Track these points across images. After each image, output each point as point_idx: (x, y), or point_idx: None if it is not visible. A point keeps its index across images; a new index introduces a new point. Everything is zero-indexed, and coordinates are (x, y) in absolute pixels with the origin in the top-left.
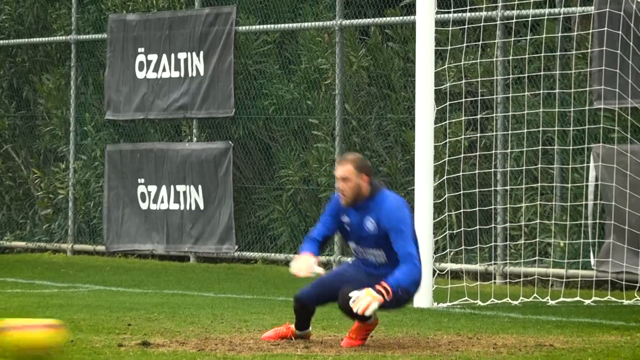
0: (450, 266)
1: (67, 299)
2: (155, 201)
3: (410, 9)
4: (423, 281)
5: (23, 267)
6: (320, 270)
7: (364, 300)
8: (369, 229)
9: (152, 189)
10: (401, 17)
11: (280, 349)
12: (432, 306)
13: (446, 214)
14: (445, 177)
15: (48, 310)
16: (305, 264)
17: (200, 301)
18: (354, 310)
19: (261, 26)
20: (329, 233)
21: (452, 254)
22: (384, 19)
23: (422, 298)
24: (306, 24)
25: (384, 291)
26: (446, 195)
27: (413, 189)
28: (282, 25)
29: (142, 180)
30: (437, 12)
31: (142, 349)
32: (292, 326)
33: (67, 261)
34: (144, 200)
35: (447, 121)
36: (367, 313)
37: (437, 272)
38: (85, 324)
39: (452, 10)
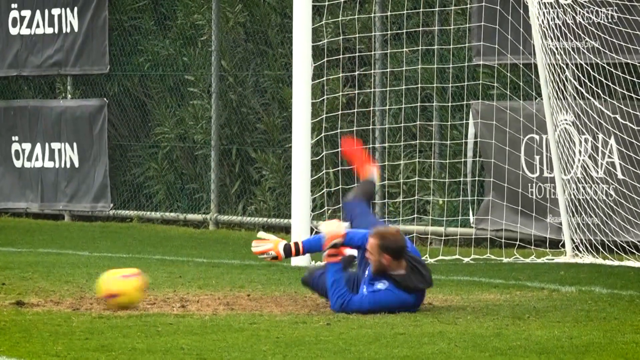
0: None
1: None
2: (29, 159)
3: None
4: (300, 239)
5: None
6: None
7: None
8: (376, 287)
9: (27, 146)
10: None
11: (157, 308)
12: (310, 265)
13: (324, 171)
14: (322, 134)
15: None
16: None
17: (75, 260)
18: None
19: None
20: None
21: (329, 212)
22: None
23: (300, 257)
24: None
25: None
26: (324, 153)
27: (290, 147)
28: None
29: (16, 138)
30: None
31: (17, 309)
32: None
33: None
34: (18, 158)
35: (325, 78)
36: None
37: (315, 230)
38: None
39: None
